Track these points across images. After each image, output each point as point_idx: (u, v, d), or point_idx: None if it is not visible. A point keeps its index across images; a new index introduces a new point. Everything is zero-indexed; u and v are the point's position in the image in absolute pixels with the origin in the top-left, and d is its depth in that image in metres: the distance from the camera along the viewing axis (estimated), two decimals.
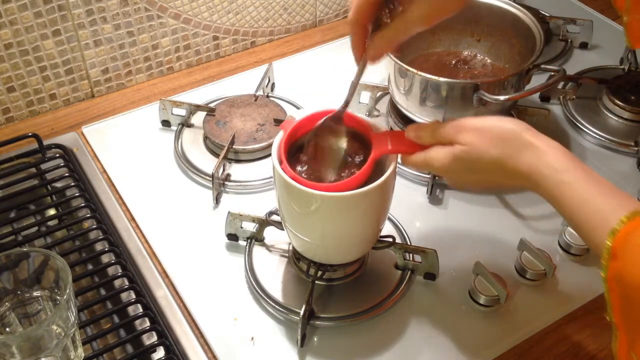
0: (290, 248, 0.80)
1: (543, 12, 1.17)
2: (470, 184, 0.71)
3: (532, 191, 0.62)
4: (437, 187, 0.90)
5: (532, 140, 0.61)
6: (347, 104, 0.69)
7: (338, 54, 1.13)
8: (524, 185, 0.62)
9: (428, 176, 0.89)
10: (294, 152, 0.70)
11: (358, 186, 0.66)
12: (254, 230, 0.81)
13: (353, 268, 0.78)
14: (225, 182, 0.90)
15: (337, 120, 0.69)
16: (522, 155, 0.61)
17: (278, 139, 0.70)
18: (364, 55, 0.67)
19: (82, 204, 0.85)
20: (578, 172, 0.58)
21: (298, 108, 1.00)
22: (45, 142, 0.93)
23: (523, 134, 0.61)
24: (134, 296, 0.75)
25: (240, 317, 0.75)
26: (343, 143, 0.69)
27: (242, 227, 0.81)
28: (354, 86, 0.69)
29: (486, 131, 0.63)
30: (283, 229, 0.75)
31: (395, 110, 0.95)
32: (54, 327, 0.62)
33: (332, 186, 0.66)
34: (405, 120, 0.93)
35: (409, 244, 0.81)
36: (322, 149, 0.69)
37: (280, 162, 0.67)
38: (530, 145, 0.61)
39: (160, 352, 0.71)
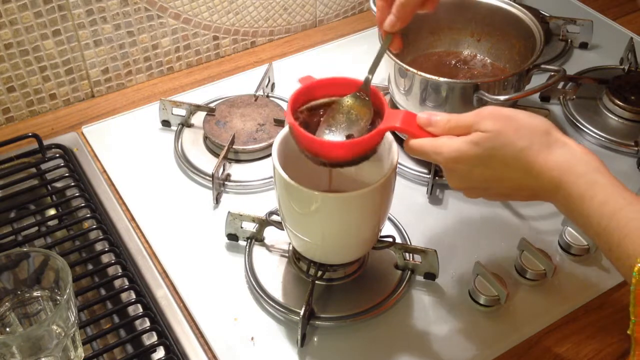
0: (290, 248, 0.80)
1: (543, 12, 1.17)
2: (477, 185, 0.62)
3: (547, 198, 0.58)
4: (437, 187, 0.90)
5: (563, 138, 0.58)
6: (367, 82, 0.68)
7: (338, 54, 1.13)
8: (542, 187, 0.58)
9: (428, 176, 0.89)
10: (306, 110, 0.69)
11: (357, 151, 0.65)
12: (254, 230, 0.81)
13: (353, 268, 0.78)
14: (225, 182, 0.90)
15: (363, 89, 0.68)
16: (552, 152, 0.57)
17: (279, 138, 0.70)
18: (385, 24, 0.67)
19: (82, 204, 0.85)
20: (610, 176, 0.56)
21: None
22: (45, 142, 0.93)
23: (553, 131, 0.58)
24: (134, 296, 0.75)
25: (240, 317, 0.75)
26: (355, 111, 0.68)
27: (242, 227, 0.81)
28: (380, 57, 0.69)
29: (514, 121, 0.59)
30: (283, 229, 0.75)
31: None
32: (54, 327, 0.62)
33: (330, 143, 0.65)
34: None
35: (409, 244, 0.81)
36: (334, 110, 0.68)
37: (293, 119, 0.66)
38: (561, 142, 0.58)
39: (160, 352, 0.71)
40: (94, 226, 0.82)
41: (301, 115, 0.68)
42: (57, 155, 0.92)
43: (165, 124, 0.98)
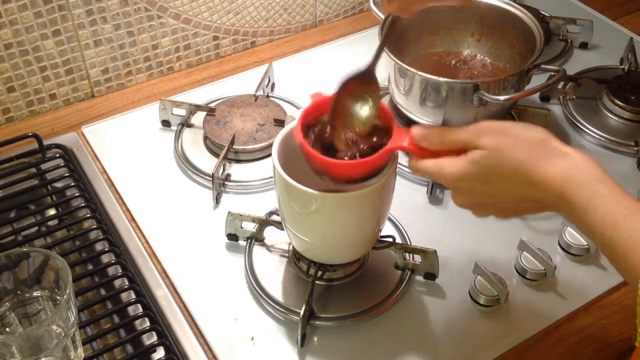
0: (290, 248, 0.80)
1: (543, 12, 1.17)
2: (482, 200, 0.62)
3: (552, 208, 0.58)
4: (437, 187, 0.90)
5: (562, 147, 0.57)
6: (375, 61, 0.67)
7: (338, 54, 1.13)
8: (545, 198, 0.57)
9: None
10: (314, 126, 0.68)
11: (362, 171, 0.65)
12: (254, 230, 0.81)
13: (353, 268, 0.78)
14: (225, 182, 0.90)
15: (364, 82, 0.67)
16: (553, 162, 0.56)
17: (279, 138, 0.70)
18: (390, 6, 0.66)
19: (82, 204, 0.85)
20: (612, 185, 0.55)
21: (298, 108, 1.00)
22: (45, 142, 0.93)
23: (551, 140, 0.58)
24: (134, 296, 0.75)
25: (240, 317, 0.75)
26: (364, 118, 0.67)
27: (242, 227, 0.81)
28: (382, 45, 0.68)
29: (510, 135, 0.59)
30: (283, 229, 0.75)
31: (395, 110, 0.95)
32: (54, 327, 0.62)
33: (338, 163, 0.64)
34: (406, 121, 0.93)
35: (409, 244, 0.81)
36: (341, 120, 0.67)
37: (303, 136, 0.65)
38: (561, 152, 0.57)
39: (160, 352, 0.71)
40: (94, 226, 0.82)
41: (311, 132, 0.67)
42: (57, 155, 0.92)
43: (165, 124, 0.98)
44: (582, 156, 0.57)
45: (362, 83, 0.67)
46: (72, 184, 0.88)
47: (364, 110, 0.67)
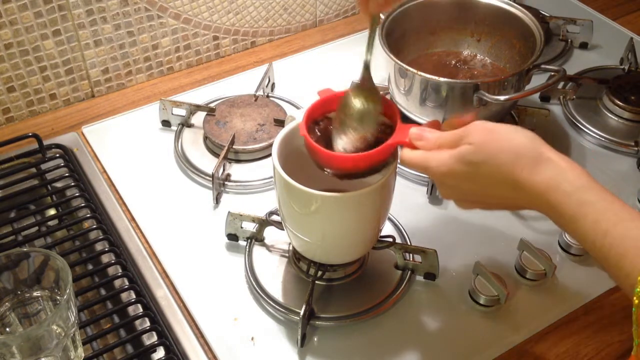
0: (290, 248, 0.80)
1: (543, 12, 1.17)
2: (468, 197, 0.63)
3: (539, 210, 0.58)
4: None
5: (550, 155, 0.57)
6: (366, 66, 0.67)
7: (338, 54, 1.13)
8: (532, 202, 0.57)
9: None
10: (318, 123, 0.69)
11: (365, 164, 0.65)
12: (254, 230, 0.81)
13: (353, 268, 0.78)
14: (225, 182, 0.90)
15: (363, 86, 0.67)
16: (539, 169, 0.56)
17: (279, 138, 0.70)
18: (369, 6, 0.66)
19: (82, 204, 0.85)
20: (600, 192, 0.54)
21: (298, 108, 1.00)
22: (45, 142, 0.93)
23: (539, 147, 0.57)
24: (134, 296, 0.75)
25: (240, 317, 0.75)
26: (366, 115, 0.67)
27: (242, 227, 0.81)
28: (371, 45, 0.68)
29: (498, 134, 0.58)
30: (283, 229, 0.75)
31: None
32: (54, 327, 0.62)
33: (339, 156, 0.65)
34: (405, 121, 0.93)
35: (409, 244, 0.81)
36: (344, 116, 0.67)
37: (307, 132, 0.66)
38: (548, 159, 0.56)
39: (160, 352, 0.71)
40: (94, 226, 0.82)
41: (316, 128, 0.68)
42: (57, 155, 0.92)
43: (165, 124, 0.98)
44: (567, 163, 0.56)
45: (364, 90, 0.68)
46: (72, 184, 0.88)
47: (365, 118, 0.67)
